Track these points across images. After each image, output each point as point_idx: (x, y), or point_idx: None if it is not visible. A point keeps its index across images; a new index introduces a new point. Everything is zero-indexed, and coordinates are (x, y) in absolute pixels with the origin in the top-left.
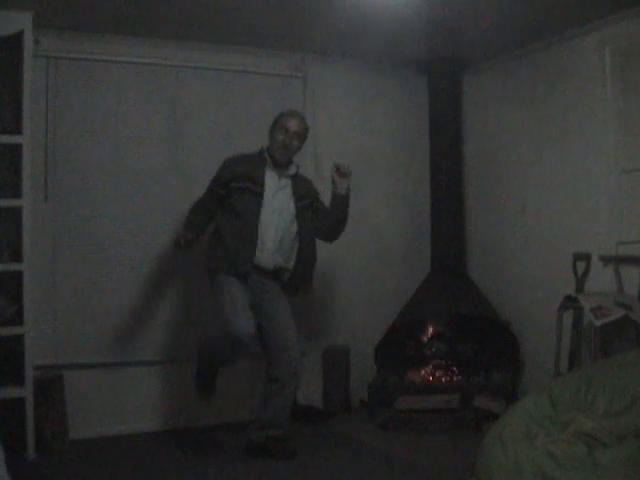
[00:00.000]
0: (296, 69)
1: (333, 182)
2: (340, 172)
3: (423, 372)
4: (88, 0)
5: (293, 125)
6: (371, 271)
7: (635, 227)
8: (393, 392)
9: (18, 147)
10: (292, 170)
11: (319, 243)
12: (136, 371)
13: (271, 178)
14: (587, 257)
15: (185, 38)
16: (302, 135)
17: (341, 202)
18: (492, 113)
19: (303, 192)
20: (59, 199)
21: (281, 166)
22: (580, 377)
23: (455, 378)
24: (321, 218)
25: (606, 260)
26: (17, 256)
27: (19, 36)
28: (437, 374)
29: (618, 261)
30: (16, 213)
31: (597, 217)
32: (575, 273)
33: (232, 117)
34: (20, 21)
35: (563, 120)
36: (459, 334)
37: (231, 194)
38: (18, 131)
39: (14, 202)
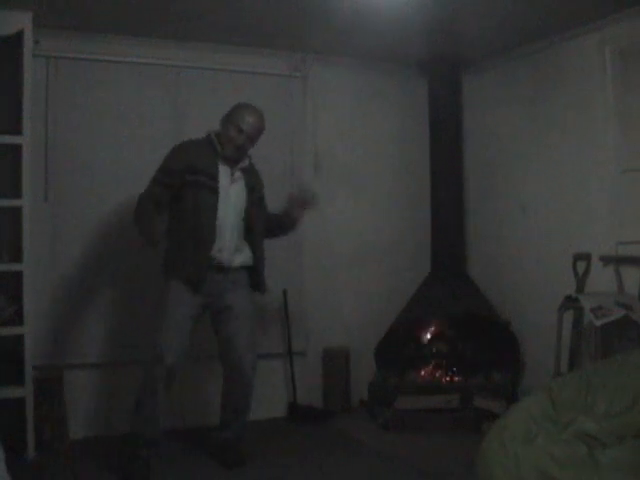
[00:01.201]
0: (296, 69)
1: (290, 205)
2: (301, 201)
3: (423, 372)
4: (88, 0)
5: (248, 126)
6: (371, 271)
7: (635, 227)
8: (393, 392)
9: (18, 147)
10: (244, 163)
11: (325, 242)
12: (136, 371)
13: (224, 171)
14: (587, 257)
15: (185, 38)
16: (256, 137)
17: (288, 226)
18: (492, 113)
19: (254, 185)
20: (59, 199)
21: (231, 159)
22: (580, 377)
23: (455, 378)
24: (267, 219)
25: (606, 260)
26: (17, 256)
27: (19, 36)
28: (437, 374)
29: (618, 261)
30: (16, 213)
31: (597, 217)
32: (575, 273)
33: None
34: (20, 21)
35: (563, 120)
36: (459, 334)
37: (184, 188)
38: (18, 131)
39: (14, 202)
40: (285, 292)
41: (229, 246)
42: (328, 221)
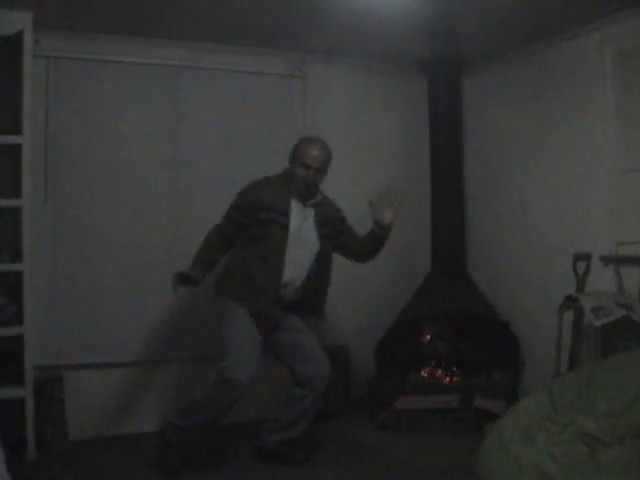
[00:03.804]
0: (296, 69)
1: (375, 210)
2: (385, 201)
3: (423, 372)
4: (88, 0)
5: (313, 160)
6: (371, 271)
7: (635, 227)
8: (393, 392)
9: (18, 147)
10: (317, 198)
11: None
12: (136, 371)
13: (296, 209)
14: (587, 257)
15: (185, 38)
16: (324, 169)
17: (379, 236)
18: (492, 113)
19: (326, 219)
20: (59, 199)
21: (304, 197)
22: (580, 377)
23: (455, 378)
24: (350, 244)
25: (606, 260)
26: (17, 256)
27: (19, 36)
28: (437, 374)
29: (618, 261)
30: (16, 213)
31: (597, 217)
32: (575, 273)
33: (232, 117)
34: (20, 21)
35: (563, 120)
36: (459, 334)
37: (255, 224)
38: (18, 131)
39: (14, 202)
40: None
41: (297, 284)
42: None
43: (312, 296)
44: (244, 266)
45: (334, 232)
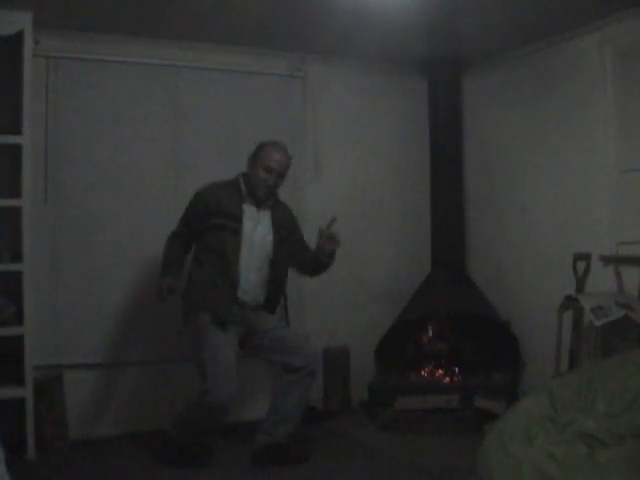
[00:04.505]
0: (296, 69)
1: (319, 244)
2: (328, 237)
3: (423, 372)
4: (88, 0)
5: (277, 164)
6: (371, 271)
7: (635, 227)
8: (393, 392)
9: (18, 147)
10: (272, 201)
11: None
12: (135, 371)
13: (250, 212)
14: (587, 257)
15: (185, 38)
16: (285, 172)
17: (324, 261)
18: (492, 113)
19: (281, 222)
20: (59, 199)
21: (262, 200)
22: (580, 377)
23: (455, 378)
24: (301, 256)
25: (606, 260)
26: (17, 256)
27: (19, 36)
28: (437, 374)
29: (618, 261)
30: (16, 213)
31: (597, 217)
32: (575, 273)
33: (232, 117)
34: (20, 21)
35: (563, 120)
36: (459, 334)
37: (208, 230)
38: (18, 131)
39: (14, 202)
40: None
41: (255, 286)
42: (327, 221)
43: (268, 299)
44: (202, 276)
45: (288, 237)
